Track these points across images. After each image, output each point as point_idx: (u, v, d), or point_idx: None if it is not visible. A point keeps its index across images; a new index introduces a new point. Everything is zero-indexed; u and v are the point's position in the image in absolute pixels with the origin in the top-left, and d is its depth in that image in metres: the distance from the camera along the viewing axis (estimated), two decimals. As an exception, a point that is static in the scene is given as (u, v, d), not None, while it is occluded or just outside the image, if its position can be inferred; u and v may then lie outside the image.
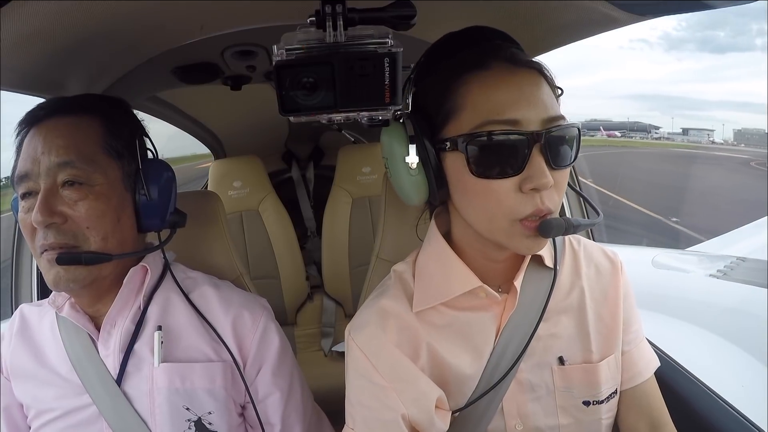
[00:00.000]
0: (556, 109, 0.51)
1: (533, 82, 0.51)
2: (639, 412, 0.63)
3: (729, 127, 33.60)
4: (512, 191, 0.50)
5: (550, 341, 0.60)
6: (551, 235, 0.50)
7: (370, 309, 0.61)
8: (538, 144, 0.49)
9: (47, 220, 0.58)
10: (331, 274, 1.71)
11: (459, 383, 0.58)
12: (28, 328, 0.72)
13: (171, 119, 1.66)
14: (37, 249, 0.61)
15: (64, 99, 0.67)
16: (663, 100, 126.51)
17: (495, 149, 0.49)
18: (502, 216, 0.51)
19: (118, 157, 0.65)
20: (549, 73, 0.54)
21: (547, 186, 0.49)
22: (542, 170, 0.49)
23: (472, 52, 0.53)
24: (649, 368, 0.65)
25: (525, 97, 0.50)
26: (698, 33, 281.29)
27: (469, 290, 0.58)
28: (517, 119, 0.49)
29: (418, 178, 0.54)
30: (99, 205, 0.62)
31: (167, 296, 0.70)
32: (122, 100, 0.73)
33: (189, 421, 0.66)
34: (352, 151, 1.80)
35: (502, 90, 0.50)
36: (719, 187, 10.52)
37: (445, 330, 0.59)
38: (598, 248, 0.67)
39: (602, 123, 37.66)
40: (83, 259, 0.59)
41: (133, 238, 0.68)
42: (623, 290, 0.64)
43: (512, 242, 0.52)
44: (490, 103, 0.50)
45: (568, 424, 0.60)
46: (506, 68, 0.51)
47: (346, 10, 0.41)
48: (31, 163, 0.61)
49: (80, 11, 0.64)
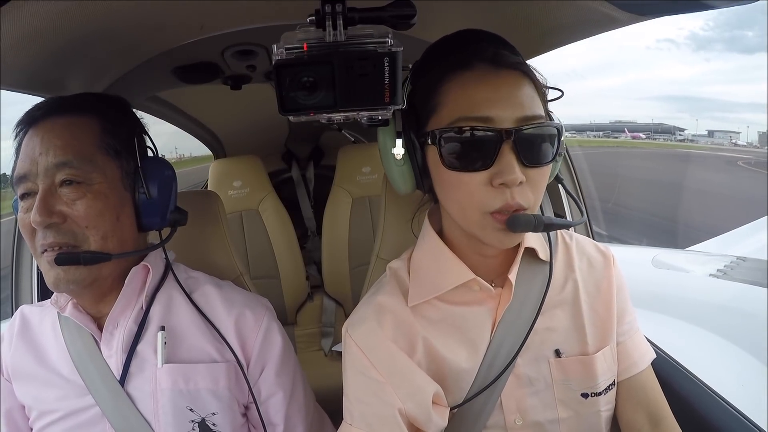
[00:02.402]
0: (535, 109, 0.53)
1: (513, 83, 0.53)
2: (637, 404, 0.64)
3: (754, 130, 33.53)
4: (482, 185, 0.52)
5: (547, 335, 0.61)
6: (519, 230, 0.52)
7: (366, 305, 0.62)
8: (509, 141, 0.51)
9: (46, 221, 0.58)
10: (331, 274, 1.72)
11: (456, 378, 0.59)
12: (29, 328, 0.71)
13: (171, 119, 1.67)
14: (37, 249, 0.61)
15: (61, 98, 0.67)
16: (692, 101, 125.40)
17: (465, 144, 0.52)
18: (474, 208, 0.53)
19: (116, 156, 0.65)
20: (536, 75, 0.55)
21: (515, 182, 0.51)
22: (511, 166, 0.50)
23: (458, 54, 0.55)
24: (645, 359, 0.65)
25: (501, 96, 0.52)
26: (726, 33, 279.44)
27: (462, 283, 0.59)
28: (489, 116, 0.51)
29: (404, 168, 0.58)
30: (97, 203, 0.61)
31: (170, 296, 0.70)
32: (120, 98, 0.72)
33: (193, 422, 0.66)
34: (352, 151, 1.80)
35: (480, 89, 0.52)
36: (696, 181, 10.87)
37: (440, 324, 0.60)
38: (590, 242, 0.69)
39: (627, 125, 37.71)
40: (82, 259, 0.59)
41: (133, 238, 0.67)
42: (616, 282, 0.65)
43: (485, 235, 0.54)
44: (466, 101, 0.52)
45: (568, 417, 0.60)
46: (488, 69, 0.53)
47: (346, 9, 0.41)
48: (29, 163, 0.61)
49: (80, 11, 0.64)
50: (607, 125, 40.59)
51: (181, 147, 5.03)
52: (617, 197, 8.32)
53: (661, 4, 0.61)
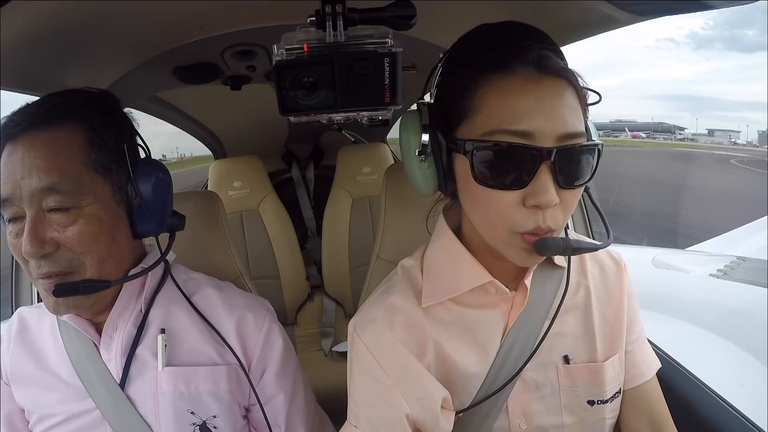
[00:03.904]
0: (577, 125, 0.48)
1: (557, 93, 0.47)
2: (641, 413, 0.63)
3: (754, 129, 33.54)
4: (514, 204, 0.48)
5: (556, 340, 0.60)
6: (547, 254, 0.49)
7: (377, 305, 0.60)
8: (548, 161, 0.46)
9: (39, 252, 0.55)
10: (331, 274, 1.71)
11: (464, 381, 0.58)
12: (27, 331, 0.71)
13: (171, 119, 1.66)
14: (32, 275, 0.58)
15: (39, 105, 0.60)
16: (692, 100, 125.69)
17: (500, 160, 0.47)
18: (502, 226, 0.50)
19: (105, 173, 0.60)
20: (580, 82, 0.50)
21: (551, 205, 0.47)
22: (547, 188, 0.47)
23: (498, 52, 0.49)
24: (651, 369, 0.65)
25: (543, 108, 0.46)
26: (726, 32, 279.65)
27: (478, 286, 0.57)
28: (530, 131, 0.46)
29: (428, 171, 0.53)
30: (91, 228, 0.57)
31: (169, 299, 0.70)
32: (106, 96, 0.66)
33: (194, 425, 0.65)
34: (352, 151, 1.79)
35: (521, 98, 0.47)
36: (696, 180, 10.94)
37: (451, 326, 0.59)
38: (603, 249, 0.67)
39: (627, 124, 37.61)
40: (81, 289, 0.57)
41: (130, 250, 0.65)
42: (627, 291, 0.64)
43: (509, 252, 0.51)
44: (504, 111, 0.47)
45: (572, 424, 0.59)
46: (530, 74, 0.47)
47: (346, 10, 0.41)
48: (11, 186, 0.56)
49: (80, 11, 0.64)
50: (607, 124, 40.66)
51: (182, 147, 5.05)
52: (617, 196, 8.33)
53: (661, 4, 0.62)
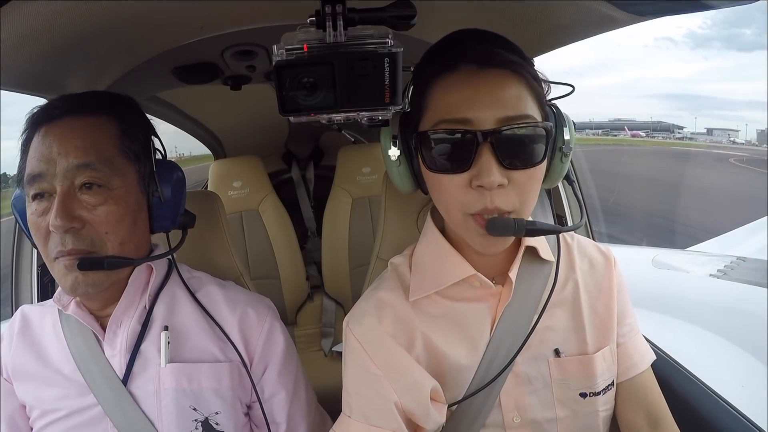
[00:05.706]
0: (520, 109, 0.51)
1: (498, 83, 0.51)
2: (637, 405, 0.64)
3: (753, 127, 33.54)
4: (463, 186, 0.52)
5: (546, 334, 0.61)
6: (497, 233, 0.52)
7: (367, 300, 0.63)
8: (487, 143, 0.50)
9: (66, 225, 0.57)
10: (331, 274, 1.72)
11: (455, 374, 0.59)
12: (29, 328, 0.71)
13: (171, 119, 1.66)
14: (50, 254, 0.59)
15: (78, 97, 0.65)
16: (691, 99, 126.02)
17: (444, 146, 0.52)
18: (455, 209, 0.54)
19: (135, 160, 0.64)
20: (530, 73, 0.53)
21: (493, 185, 0.50)
22: (489, 169, 0.50)
23: (445, 55, 0.55)
24: (645, 361, 0.66)
25: (482, 97, 0.51)
26: (724, 31, 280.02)
27: (463, 279, 0.60)
28: (468, 118, 0.51)
29: (401, 169, 0.59)
30: (118, 209, 0.60)
31: (173, 296, 0.70)
32: (133, 99, 0.71)
33: (196, 421, 0.66)
34: (352, 152, 1.80)
35: (459, 91, 0.52)
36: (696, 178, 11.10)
37: (440, 320, 0.61)
38: (591, 243, 0.69)
39: (626, 123, 37.67)
40: (106, 264, 0.59)
41: (146, 241, 0.68)
42: (617, 283, 0.65)
43: (469, 237, 0.55)
44: (445, 104, 0.52)
45: (565, 417, 0.60)
46: (471, 70, 0.52)
47: (346, 10, 0.41)
48: (45, 163, 0.58)
49: (80, 11, 0.64)
50: (606, 123, 40.72)
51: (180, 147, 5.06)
52: (617, 196, 8.34)
53: (660, 4, 0.62)
